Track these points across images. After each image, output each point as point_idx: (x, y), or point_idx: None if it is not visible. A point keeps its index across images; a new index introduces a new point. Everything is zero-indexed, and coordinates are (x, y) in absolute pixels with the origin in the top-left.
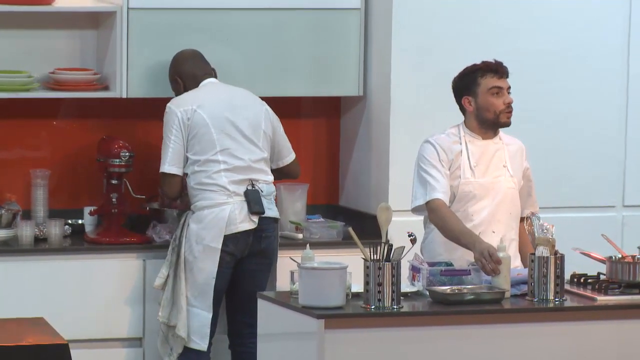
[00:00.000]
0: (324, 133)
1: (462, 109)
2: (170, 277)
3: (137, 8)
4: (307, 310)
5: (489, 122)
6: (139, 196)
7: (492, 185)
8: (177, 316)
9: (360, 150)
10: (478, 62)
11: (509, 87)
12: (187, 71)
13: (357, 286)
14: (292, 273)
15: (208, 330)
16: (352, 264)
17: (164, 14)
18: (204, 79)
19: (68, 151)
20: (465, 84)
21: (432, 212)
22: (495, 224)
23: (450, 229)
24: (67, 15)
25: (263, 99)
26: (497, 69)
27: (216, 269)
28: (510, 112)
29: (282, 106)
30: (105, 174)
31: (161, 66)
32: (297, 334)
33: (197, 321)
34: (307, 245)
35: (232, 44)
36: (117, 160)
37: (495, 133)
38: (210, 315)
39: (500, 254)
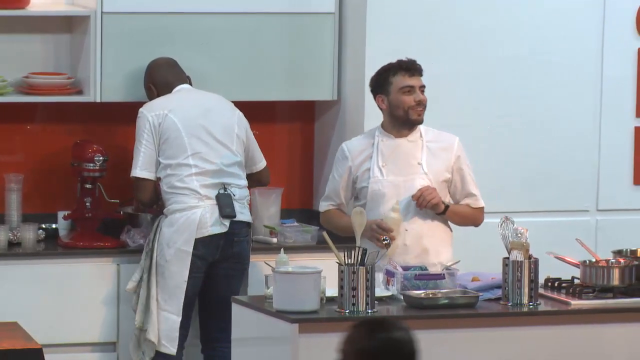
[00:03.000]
0: (299, 137)
1: (380, 108)
2: (144, 282)
3: (111, 12)
4: (281, 314)
5: (400, 119)
6: (113, 200)
7: (404, 184)
8: (148, 320)
9: (335, 154)
10: (453, 65)
11: (423, 86)
12: (161, 79)
13: (332, 290)
14: (266, 277)
15: (177, 334)
16: (327, 269)
17: (138, 18)
18: (178, 83)
19: (42, 155)
20: (379, 83)
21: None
22: (408, 222)
23: (341, 227)
24: (41, 19)
25: (238, 103)
26: (409, 68)
27: (187, 272)
28: (422, 109)
29: (256, 110)
30: (80, 178)
31: (135, 70)
32: (272, 339)
33: (166, 325)
34: (282, 250)
35: (207, 48)
36: (91, 164)
37: (410, 130)
38: (179, 319)
39: (392, 215)
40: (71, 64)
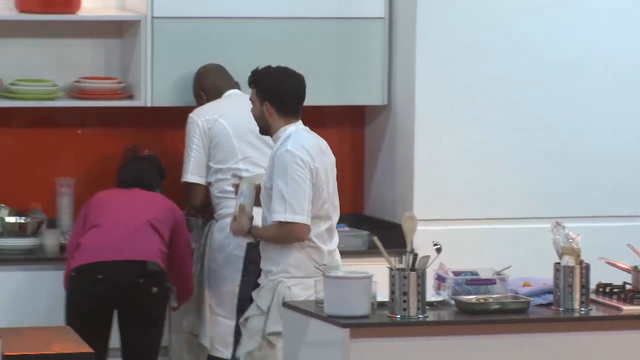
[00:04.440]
0: (349, 142)
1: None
2: (194, 286)
3: (161, 17)
4: (332, 319)
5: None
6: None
7: None
8: (200, 325)
9: (385, 159)
10: (502, 70)
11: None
12: (211, 85)
13: (383, 295)
14: (316, 282)
15: (231, 339)
16: (378, 273)
17: (188, 22)
18: (229, 88)
19: (93, 160)
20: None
21: None
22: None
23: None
24: (92, 24)
25: None
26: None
27: (239, 277)
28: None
29: (306, 115)
30: None
31: (185, 75)
32: (323, 343)
33: (220, 329)
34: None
35: (256, 52)
36: None
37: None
38: (234, 324)
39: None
40: (122, 69)
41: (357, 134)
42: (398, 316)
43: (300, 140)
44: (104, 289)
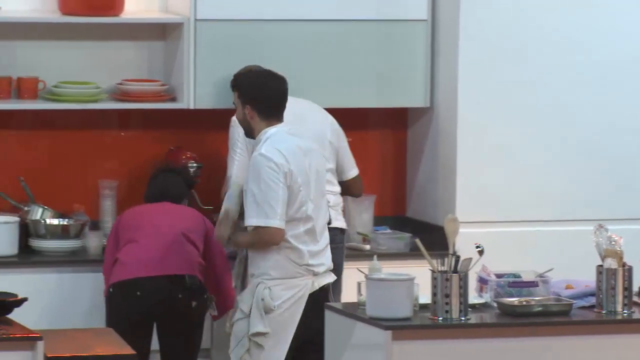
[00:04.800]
0: (391, 144)
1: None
2: (237, 289)
3: (204, 19)
4: (374, 321)
5: None
6: (207, 207)
7: None
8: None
9: (427, 161)
10: (546, 72)
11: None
12: None
13: (425, 297)
14: (359, 284)
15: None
16: (420, 276)
17: (231, 25)
18: None
19: (136, 162)
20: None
21: None
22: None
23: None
24: (135, 27)
25: (330, 110)
26: None
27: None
28: None
29: (349, 118)
30: None
31: (228, 77)
32: (365, 345)
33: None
34: (375, 257)
35: (299, 55)
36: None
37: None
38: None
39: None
40: (164, 71)
41: (399, 137)
42: (440, 318)
43: (276, 142)
44: (144, 305)
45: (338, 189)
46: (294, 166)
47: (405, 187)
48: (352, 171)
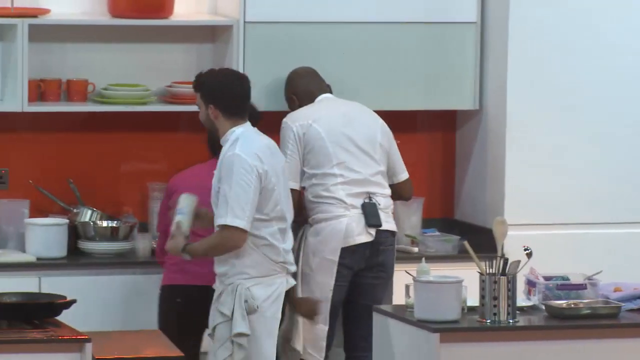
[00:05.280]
0: (440, 146)
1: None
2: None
3: (253, 22)
4: (422, 324)
5: None
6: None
7: None
8: (293, 329)
9: (476, 164)
10: (594, 73)
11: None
12: (303, 89)
13: (473, 300)
14: (407, 287)
15: (324, 343)
16: (468, 278)
17: (280, 27)
18: (320, 92)
19: (184, 164)
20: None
21: None
22: None
23: None
24: (184, 29)
25: (378, 112)
26: None
27: (333, 281)
28: None
29: (397, 120)
30: None
31: (277, 79)
32: (413, 348)
33: (313, 334)
34: (423, 259)
35: (348, 57)
36: None
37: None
38: (327, 328)
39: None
40: None
41: (448, 139)
42: (488, 321)
43: (249, 143)
44: (187, 309)
45: (389, 191)
46: (268, 166)
47: (453, 190)
48: (403, 174)
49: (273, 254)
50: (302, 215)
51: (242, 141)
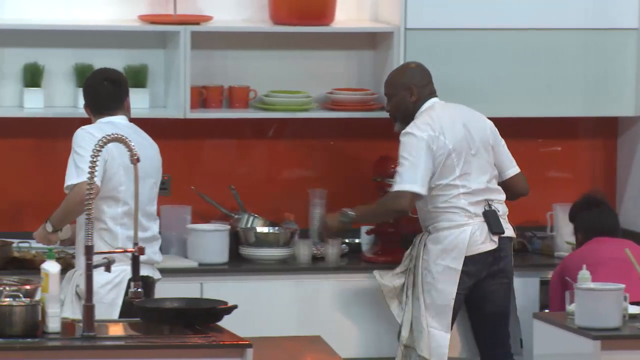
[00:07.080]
0: (601, 153)
1: None
2: (409, 299)
3: (414, 29)
4: (583, 331)
5: None
6: (414, 215)
7: None
8: (419, 338)
9: (638, 170)
10: None
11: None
12: (421, 82)
13: (634, 308)
14: (568, 294)
15: (445, 351)
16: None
17: (441, 34)
18: (430, 96)
19: (345, 171)
20: None
21: None
22: None
23: None
24: (346, 36)
25: (536, 119)
26: None
27: (455, 289)
28: None
29: (558, 126)
30: (382, 193)
31: (438, 85)
32: (573, 355)
33: (434, 342)
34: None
35: (508, 63)
36: (393, 179)
37: None
38: (448, 336)
39: None
40: (374, 80)
41: (609, 145)
42: None
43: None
44: None
45: (504, 196)
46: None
47: (615, 197)
48: (513, 169)
49: (110, 238)
50: (413, 220)
51: (101, 124)
